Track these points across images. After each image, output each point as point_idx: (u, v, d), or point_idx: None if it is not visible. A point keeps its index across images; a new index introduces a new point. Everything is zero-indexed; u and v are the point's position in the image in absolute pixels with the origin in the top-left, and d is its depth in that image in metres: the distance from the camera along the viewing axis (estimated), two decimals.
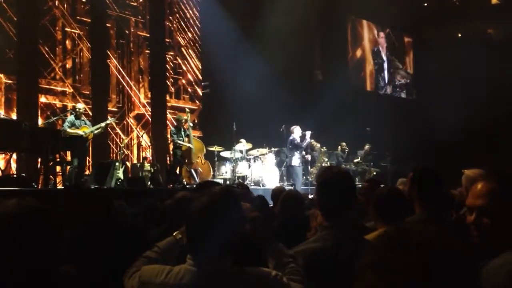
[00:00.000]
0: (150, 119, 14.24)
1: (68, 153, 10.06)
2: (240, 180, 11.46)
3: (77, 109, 9.95)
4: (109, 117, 11.95)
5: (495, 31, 17.31)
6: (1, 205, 2.11)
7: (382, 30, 18.81)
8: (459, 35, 17.54)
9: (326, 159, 13.49)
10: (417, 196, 3.07)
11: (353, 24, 17.95)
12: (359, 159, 14.22)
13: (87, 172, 10.67)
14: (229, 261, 1.73)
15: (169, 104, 14.77)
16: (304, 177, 12.34)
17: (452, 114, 14.11)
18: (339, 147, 14.29)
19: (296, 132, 11.37)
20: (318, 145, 13.58)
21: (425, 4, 17.55)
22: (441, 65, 15.31)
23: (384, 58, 18.76)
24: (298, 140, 11.31)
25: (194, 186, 10.39)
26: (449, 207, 3.59)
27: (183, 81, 15.44)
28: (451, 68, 15.06)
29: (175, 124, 11.45)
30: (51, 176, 8.86)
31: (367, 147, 14.35)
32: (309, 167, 12.85)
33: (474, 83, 14.96)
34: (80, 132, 9.50)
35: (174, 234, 2.17)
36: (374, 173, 14.00)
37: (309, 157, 12.36)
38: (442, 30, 16.32)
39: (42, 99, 12.09)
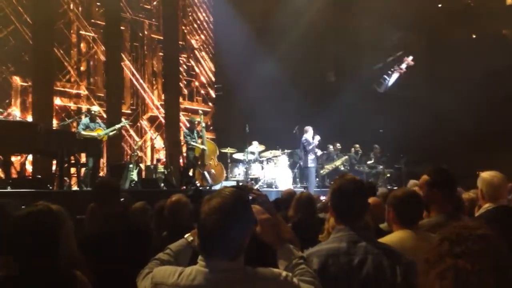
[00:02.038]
0: (163, 121, 14.31)
1: (83, 155, 10.13)
2: (253, 181, 11.47)
3: (92, 112, 10.04)
4: (123, 119, 12.03)
5: (510, 31, 17.12)
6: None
7: (396, 31, 18.69)
8: (474, 36, 17.38)
9: (345, 163, 13.40)
10: (439, 199, 3.05)
11: (365, 25, 17.84)
12: (373, 160, 14.12)
13: (101, 174, 10.74)
14: (240, 262, 1.74)
15: (182, 106, 14.84)
16: (317, 179, 12.29)
17: (467, 116, 13.98)
18: (352, 149, 14.20)
19: (310, 132, 11.35)
20: (339, 145, 13.52)
21: (439, 5, 17.42)
22: (455, 66, 15.18)
23: (397, 60, 18.63)
24: (311, 140, 11.28)
25: (207, 188, 10.46)
26: (460, 208, 3.57)
27: (196, 83, 15.50)
28: (465, 69, 14.93)
29: (188, 126, 11.48)
30: (66, 178, 8.94)
31: (376, 147, 14.23)
32: (321, 168, 12.78)
33: (488, 84, 14.81)
34: (95, 134, 9.58)
35: (185, 236, 2.19)
36: (388, 174, 13.90)
37: (319, 152, 12.17)
38: (456, 31, 16.17)
39: (57, 101, 12.21)
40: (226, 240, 1.69)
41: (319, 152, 11.89)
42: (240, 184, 10.87)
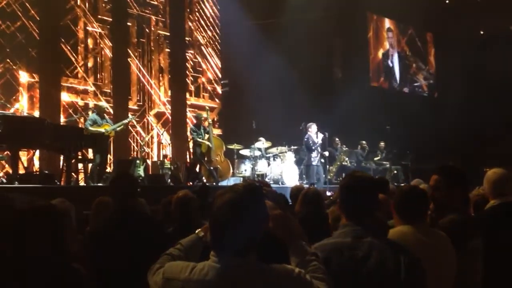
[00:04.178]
0: (170, 117, 14.33)
1: (90, 150, 10.16)
2: (259, 178, 11.46)
3: (100, 107, 10.08)
4: (129, 115, 12.05)
5: None
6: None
7: (404, 29, 18.64)
8: (481, 32, 17.31)
9: (346, 158, 13.39)
10: (459, 199, 3.06)
11: (374, 22, 17.81)
12: (379, 157, 14.08)
13: (108, 170, 10.78)
14: (252, 258, 1.73)
15: (188, 102, 14.84)
16: (324, 175, 12.25)
17: (474, 112, 13.94)
18: (359, 145, 14.17)
19: (313, 129, 11.31)
20: (339, 143, 13.49)
21: (447, 1, 17.35)
22: (463, 62, 15.14)
23: (403, 58, 18.57)
24: (314, 137, 11.25)
25: (214, 184, 10.47)
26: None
27: (203, 80, 15.50)
28: (473, 65, 14.88)
29: (195, 122, 11.49)
30: (73, 174, 8.97)
31: (382, 144, 14.19)
32: (327, 165, 12.74)
33: (497, 80, 14.75)
34: (102, 130, 9.61)
35: (197, 231, 2.19)
36: (395, 171, 13.86)
37: (326, 153, 12.14)
38: (464, 27, 16.11)
39: (64, 97, 12.24)
40: (238, 235, 1.69)
41: (326, 153, 11.88)
42: (247, 178, 10.89)
